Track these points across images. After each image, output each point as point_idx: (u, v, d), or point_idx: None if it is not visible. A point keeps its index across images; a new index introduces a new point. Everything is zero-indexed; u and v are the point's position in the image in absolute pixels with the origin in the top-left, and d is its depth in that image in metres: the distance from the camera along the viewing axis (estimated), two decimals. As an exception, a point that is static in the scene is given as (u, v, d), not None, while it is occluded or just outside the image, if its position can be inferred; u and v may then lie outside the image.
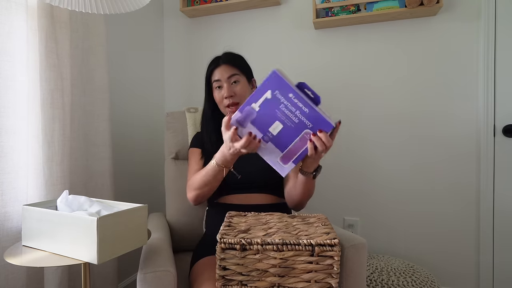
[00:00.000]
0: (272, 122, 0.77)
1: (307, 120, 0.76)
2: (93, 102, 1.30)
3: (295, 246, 0.71)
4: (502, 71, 1.50)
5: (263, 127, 0.78)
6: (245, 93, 1.07)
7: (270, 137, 0.79)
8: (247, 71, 1.12)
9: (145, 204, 0.86)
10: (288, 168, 0.80)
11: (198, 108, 1.41)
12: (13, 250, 0.81)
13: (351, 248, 0.93)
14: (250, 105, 0.77)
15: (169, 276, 0.79)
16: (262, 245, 0.71)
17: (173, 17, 1.99)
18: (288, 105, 0.76)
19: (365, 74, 1.69)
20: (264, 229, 0.79)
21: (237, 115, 0.79)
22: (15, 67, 1.04)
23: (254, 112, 0.77)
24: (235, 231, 0.77)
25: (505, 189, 1.50)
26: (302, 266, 0.72)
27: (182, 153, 1.36)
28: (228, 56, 1.10)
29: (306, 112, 0.75)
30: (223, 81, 1.06)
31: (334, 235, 0.73)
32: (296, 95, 0.75)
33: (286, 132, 0.77)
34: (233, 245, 0.71)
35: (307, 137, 0.77)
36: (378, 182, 1.69)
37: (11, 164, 1.02)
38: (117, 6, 1.00)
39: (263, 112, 0.77)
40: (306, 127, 0.77)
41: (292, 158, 0.79)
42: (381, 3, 1.57)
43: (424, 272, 1.37)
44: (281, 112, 0.76)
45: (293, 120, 0.76)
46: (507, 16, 1.49)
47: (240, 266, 0.72)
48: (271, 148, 0.79)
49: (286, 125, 0.77)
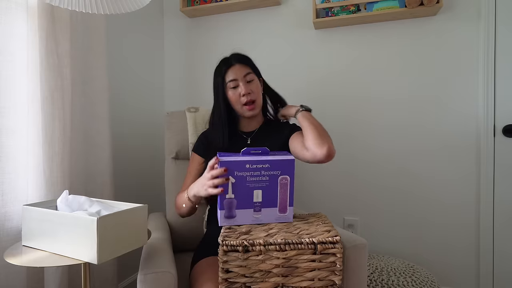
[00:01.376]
0: (251, 195, 0.84)
1: (273, 171, 0.84)
2: (93, 102, 1.30)
3: (297, 245, 0.71)
4: (502, 71, 1.50)
5: (248, 204, 0.84)
6: (259, 91, 1.11)
7: (259, 205, 0.85)
8: (257, 70, 1.16)
9: (145, 204, 0.87)
10: (290, 213, 0.87)
11: (199, 108, 1.41)
12: (13, 250, 0.81)
13: (352, 249, 0.93)
14: (225, 198, 0.83)
15: (170, 277, 0.79)
16: (265, 246, 0.71)
17: (173, 17, 1.99)
18: (252, 173, 0.83)
19: (365, 74, 1.69)
20: (265, 230, 0.79)
21: (222, 214, 0.84)
22: (15, 67, 1.04)
23: (232, 200, 0.84)
24: (237, 233, 0.77)
25: (505, 189, 1.50)
26: (305, 264, 0.72)
27: (182, 152, 1.36)
28: (239, 56, 1.12)
29: (268, 167, 0.84)
30: (239, 80, 1.07)
31: (335, 233, 0.74)
32: (250, 162, 0.83)
33: (267, 191, 0.85)
34: (235, 247, 0.71)
35: (284, 181, 0.85)
36: (378, 182, 1.69)
37: (12, 164, 1.02)
38: (117, 6, 1.00)
39: (239, 194, 0.84)
40: (277, 176, 0.85)
41: (287, 204, 0.87)
42: (381, 3, 1.57)
43: (424, 272, 1.37)
44: (252, 182, 0.84)
45: (265, 180, 0.84)
46: (507, 16, 1.49)
47: (243, 268, 0.72)
48: (266, 211, 0.86)
49: (263, 188, 0.84)
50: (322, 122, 0.98)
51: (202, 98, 1.92)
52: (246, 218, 0.85)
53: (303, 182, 1.78)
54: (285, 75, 1.81)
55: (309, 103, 1.75)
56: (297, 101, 1.77)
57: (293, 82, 1.79)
